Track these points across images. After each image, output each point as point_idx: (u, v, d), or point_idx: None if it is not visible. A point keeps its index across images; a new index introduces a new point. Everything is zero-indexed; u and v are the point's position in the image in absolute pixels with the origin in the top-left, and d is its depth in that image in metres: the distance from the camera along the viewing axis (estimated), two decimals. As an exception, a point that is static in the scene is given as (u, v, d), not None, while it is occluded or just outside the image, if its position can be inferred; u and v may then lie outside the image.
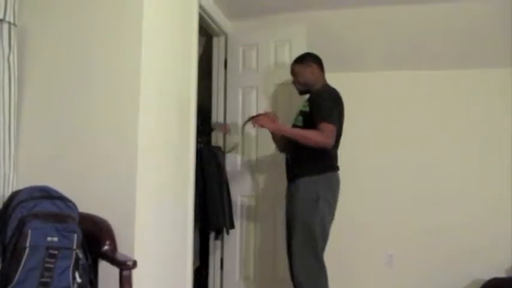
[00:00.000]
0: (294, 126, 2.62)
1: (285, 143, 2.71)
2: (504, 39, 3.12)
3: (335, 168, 2.57)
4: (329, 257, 2.49)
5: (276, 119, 2.65)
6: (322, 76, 2.67)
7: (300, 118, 2.58)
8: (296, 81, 2.70)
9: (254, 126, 2.71)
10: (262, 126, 2.58)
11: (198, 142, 2.77)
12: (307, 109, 2.53)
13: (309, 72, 2.63)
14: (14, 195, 1.63)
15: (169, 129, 2.31)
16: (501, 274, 3.10)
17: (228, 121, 3.42)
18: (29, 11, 2.10)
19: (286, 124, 2.69)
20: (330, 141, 2.40)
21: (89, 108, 2.03)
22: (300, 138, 2.46)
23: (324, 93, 2.53)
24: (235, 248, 3.36)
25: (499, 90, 3.35)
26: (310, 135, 2.42)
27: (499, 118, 3.34)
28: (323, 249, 2.47)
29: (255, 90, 3.35)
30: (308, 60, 2.66)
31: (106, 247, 1.75)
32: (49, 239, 1.52)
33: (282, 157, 2.72)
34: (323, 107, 2.44)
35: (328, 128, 2.38)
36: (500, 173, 3.31)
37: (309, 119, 2.50)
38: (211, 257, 3.47)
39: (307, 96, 2.66)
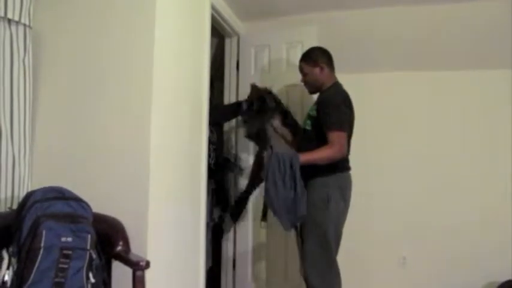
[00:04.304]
0: (304, 130, 2.60)
1: (297, 146, 2.69)
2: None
3: (346, 168, 2.52)
4: (342, 259, 2.47)
5: None
6: (331, 74, 2.58)
7: (309, 122, 2.54)
8: (304, 81, 2.65)
9: None
10: None
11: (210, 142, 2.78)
12: (315, 113, 2.48)
13: (316, 73, 2.56)
14: (29, 195, 1.65)
15: (182, 129, 2.32)
16: (516, 276, 3.05)
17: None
18: (44, 13, 2.13)
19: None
20: (343, 151, 2.36)
21: (101, 108, 2.06)
22: (318, 161, 2.38)
23: (332, 98, 2.46)
24: (248, 248, 3.36)
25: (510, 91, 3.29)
26: (323, 154, 2.35)
27: (507, 119, 3.28)
28: (336, 251, 2.45)
29: (267, 91, 3.34)
30: (315, 59, 2.56)
31: (119, 247, 1.77)
32: (63, 239, 1.53)
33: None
34: (331, 114, 2.37)
35: (338, 137, 2.33)
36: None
37: (317, 123, 2.45)
38: (223, 258, 3.47)
39: (316, 97, 2.63)
